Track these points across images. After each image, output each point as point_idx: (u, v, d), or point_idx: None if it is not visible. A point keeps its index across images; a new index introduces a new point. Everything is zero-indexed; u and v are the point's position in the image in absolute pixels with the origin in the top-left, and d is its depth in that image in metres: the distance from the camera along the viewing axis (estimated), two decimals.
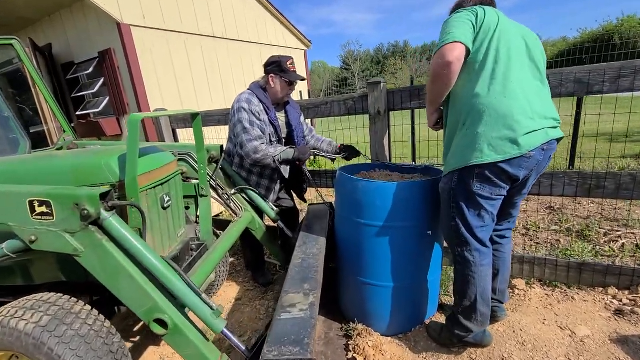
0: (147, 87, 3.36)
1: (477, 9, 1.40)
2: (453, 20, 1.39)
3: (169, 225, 1.78)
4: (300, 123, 2.34)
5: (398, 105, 2.15)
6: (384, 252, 1.68)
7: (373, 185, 1.63)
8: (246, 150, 2.08)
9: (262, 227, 2.33)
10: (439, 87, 1.42)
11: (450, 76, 1.35)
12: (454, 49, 1.30)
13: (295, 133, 2.28)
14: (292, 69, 2.14)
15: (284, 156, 2.11)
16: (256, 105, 2.11)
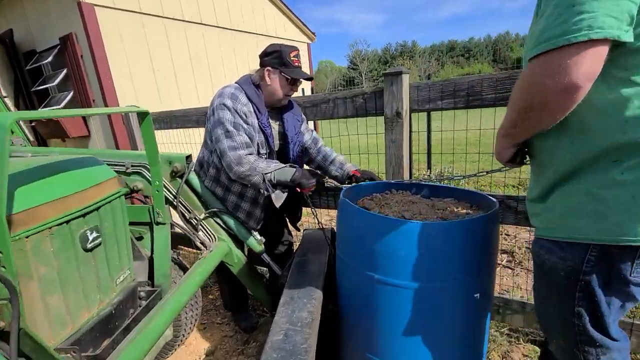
0: (117, 80, 2.85)
1: None
2: None
3: (99, 273, 1.25)
4: (299, 133, 1.77)
5: (424, 105, 1.59)
6: (409, 323, 1.12)
7: (395, 225, 1.07)
8: (227, 161, 1.53)
9: (241, 262, 1.79)
10: (539, 119, 0.74)
11: (570, 105, 0.68)
12: (587, 59, 0.62)
13: (290, 147, 1.72)
14: (296, 63, 1.59)
15: (280, 176, 1.53)
16: (243, 104, 1.56)
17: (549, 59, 0.65)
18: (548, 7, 0.67)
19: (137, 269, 1.57)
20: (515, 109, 0.79)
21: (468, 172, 1.61)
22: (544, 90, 0.68)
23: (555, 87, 0.65)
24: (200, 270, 1.50)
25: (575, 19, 0.61)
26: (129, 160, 1.68)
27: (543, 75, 0.67)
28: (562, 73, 0.63)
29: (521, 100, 0.76)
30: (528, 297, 2.03)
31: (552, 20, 0.65)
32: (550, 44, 0.64)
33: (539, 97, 0.70)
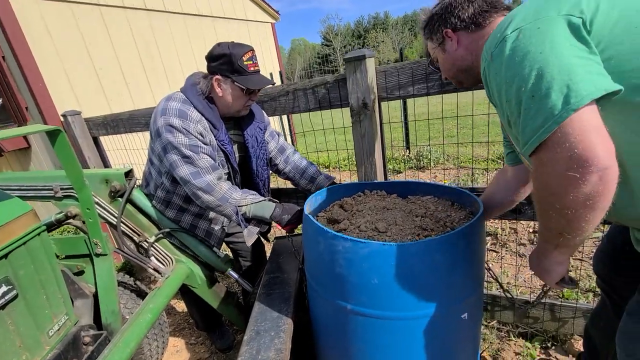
0: (50, 84, 2.49)
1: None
2: (548, 49, 0.59)
3: (20, 330, 1.04)
4: (263, 144, 1.51)
5: (394, 92, 1.39)
6: (389, 356, 0.97)
7: (365, 249, 0.90)
8: (192, 189, 1.29)
9: (205, 282, 1.60)
10: (578, 220, 0.61)
11: (608, 195, 0.57)
12: (599, 134, 0.55)
13: (252, 161, 1.48)
14: (252, 67, 1.29)
15: (257, 211, 1.32)
16: (196, 122, 1.29)
17: (558, 149, 0.57)
18: (513, 110, 0.65)
19: (80, 309, 1.36)
20: (558, 213, 0.62)
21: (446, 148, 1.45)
22: (570, 189, 0.58)
23: (582, 181, 0.56)
24: (153, 305, 1.31)
25: (562, 96, 0.56)
26: (58, 183, 1.43)
27: (558, 170, 0.58)
28: (585, 163, 0.55)
29: (559, 203, 0.61)
30: (515, 282, 1.95)
31: (525, 120, 0.61)
32: (543, 126, 0.58)
33: (571, 197, 0.59)
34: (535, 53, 0.59)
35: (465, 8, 0.87)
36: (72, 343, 1.22)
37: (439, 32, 0.92)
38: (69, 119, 2.34)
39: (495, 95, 0.71)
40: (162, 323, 1.71)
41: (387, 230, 1.07)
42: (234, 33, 4.55)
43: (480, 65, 0.83)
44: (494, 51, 0.67)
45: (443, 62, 0.96)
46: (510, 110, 0.65)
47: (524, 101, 0.61)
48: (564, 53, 0.58)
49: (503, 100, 0.67)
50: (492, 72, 0.68)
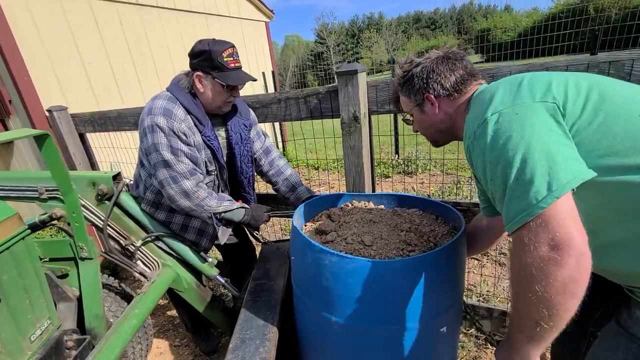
0: (36, 78, 2.43)
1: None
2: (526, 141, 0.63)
3: (1, 336, 1.03)
4: (247, 141, 1.52)
5: (384, 106, 1.43)
6: None
7: (351, 265, 0.93)
8: (169, 193, 1.32)
9: (192, 286, 1.60)
10: (557, 306, 0.60)
11: (584, 281, 0.59)
12: (576, 222, 0.59)
13: (237, 159, 1.49)
14: (232, 63, 1.30)
15: (229, 217, 1.40)
16: (181, 120, 1.30)
17: (531, 232, 0.61)
18: (497, 189, 0.68)
19: (63, 312, 1.35)
20: (538, 298, 0.60)
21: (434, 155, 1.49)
22: (555, 279, 0.58)
23: (561, 272, 0.58)
24: (139, 310, 1.31)
25: (539, 187, 0.60)
26: (43, 184, 1.41)
27: (538, 260, 0.59)
28: (561, 254, 0.57)
29: (540, 285, 0.60)
30: (494, 291, 2.02)
31: (510, 200, 0.64)
32: (520, 214, 0.62)
33: (557, 287, 0.59)
34: (517, 138, 0.63)
35: (447, 77, 0.89)
36: (54, 348, 1.21)
37: (419, 94, 0.93)
38: (54, 114, 2.30)
39: (479, 171, 0.74)
40: (146, 326, 1.71)
41: (373, 244, 1.10)
42: (227, 31, 4.51)
43: (456, 126, 0.92)
44: (477, 131, 0.71)
45: (420, 121, 0.99)
46: (495, 188, 0.69)
47: (509, 184, 0.64)
48: (543, 139, 0.62)
49: (488, 177, 0.70)
50: (477, 150, 0.72)
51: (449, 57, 0.91)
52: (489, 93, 0.75)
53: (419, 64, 0.93)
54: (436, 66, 0.90)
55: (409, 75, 0.94)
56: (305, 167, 5.05)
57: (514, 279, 0.67)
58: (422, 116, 0.97)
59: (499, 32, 30.62)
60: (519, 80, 0.74)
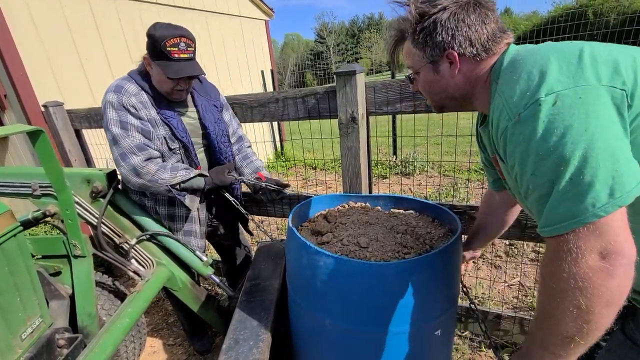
0: (32, 72, 2.40)
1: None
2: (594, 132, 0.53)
3: None
4: (219, 121, 1.51)
5: (382, 107, 1.42)
6: None
7: (346, 267, 0.93)
8: (122, 172, 1.31)
9: (187, 286, 1.59)
10: (598, 320, 0.55)
11: (628, 288, 0.54)
12: (627, 226, 0.54)
13: (213, 138, 1.47)
14: (176, 53, 1.24)
15: (190, 186, 1.38)
16: (131, 95, 1.29)
17: (580, 240, 0.54)
18: (540, 185, 0.58)
19: (55, 310, 1.34)
20: (580, 312, 0.55)
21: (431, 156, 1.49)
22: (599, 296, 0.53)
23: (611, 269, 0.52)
24: (132, 309, 1.30)
25: (598, 192, 0.52)
26: (37, 181, 1.40)
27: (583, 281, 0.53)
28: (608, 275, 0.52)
29: (584, 298, 0.54)
30: (489, 293, 2.02)
31: (557, 201, 0.56)
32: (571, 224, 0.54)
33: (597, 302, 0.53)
34: (579, 130, 0.52)
35: (478, 30, 0.68)
36: (45, 346, 1.20)
37: (438, 48, 0.71)
38: (50, 109, 2.27)
39: (515, 159, 0.61)
40: (139, 324, 1.70)
41: (369, 246, 1.10)
42: (226, 29, 4.49)
43: (474, 94, 0.75)
44: (523, 113, 0.57)
45: (430, 82, 0.78)
46: (535, 184, 0.58)
47: (561, 183, 0.54)
48: (608, 134, 0.52)
49: (527, 170, 0.59)
50: (518, 136, 0.59)
51: (480, 4, 0.69)
52: (535, 64, 0.60)
53: (445, 8, 0.69)
54: (467, 15, 0.68)
55: (430, 22, 0.70)
56: (303, 166, 5.05)
57: (547, 291, 0.59)
58: (434, 77, 0.76)
59: None
60: (576, 51, 0.59)
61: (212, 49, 4.21)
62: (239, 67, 4.82)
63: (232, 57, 4.64)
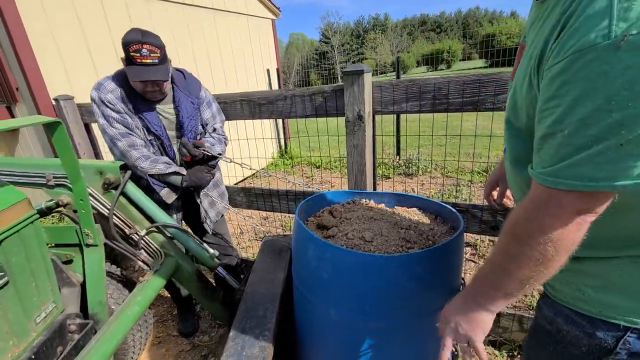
0: (43, 65, 2.45)
1: None
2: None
3: (8, 316, 1.06)
4: (192, 117, 1.60)
5: (388, 107, 1.45)
6: (367, 358, 1.04)
7: (352, 259, 0.96)
8: (116, 154, 1.51)
9: (193, 277, 1.63)
10: (557, 265, 0.58)
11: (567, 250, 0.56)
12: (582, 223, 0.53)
13: (185, 134, 1.58)
14: (139, 59, 1.35)
15: (167, 180, 1.53)
16: (109, 91, 1.46)
17: (580, 202, 0.52)
18: (571, 122, 0.49)
19: (67, 297, 1.38)
20: (548, 261, 0.56)
21: (434, 157, 1.52)
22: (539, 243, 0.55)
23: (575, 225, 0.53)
24: (141, 297, 1.34)
25: (625, 164, 0.47)
26: (51, 171, 1.44)
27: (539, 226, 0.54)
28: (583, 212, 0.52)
29: (554, 249, 0.55)
30: None
31: (591, 155, 0.48)
32: (585, 187, 0.50)
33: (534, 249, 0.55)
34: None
35: None
36: (58, 331, 1.24)
37: None
38: (61, 103, 2.32)
39: (564, 76, 0.49)
40: (146, 315, 1.73)
41: (373, 240, 1.13)
42: (233, 27, 4.53)
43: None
44: (634, 37, 0.42)
45: None
46: (575, 127, 0.48)
47: (607, 145, 0.46)
48: None
49: (576, 111, 0.48)
50: (599, 63, 0.45)
51: None
52: None
53: None
54: None
55: None
56: (307, 165, 5.08)
57: (517, 238, 0.58)
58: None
59: (504, 37, 30.61)
60: None
61: (219, 46, 4.25)
62: (245, 66, 4.86)
63: (238, 55, 4.68)
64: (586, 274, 0.66)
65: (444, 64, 35.62)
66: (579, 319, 0.68)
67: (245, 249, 2.88)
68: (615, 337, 0.63)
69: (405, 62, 34.34)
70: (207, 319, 2.11)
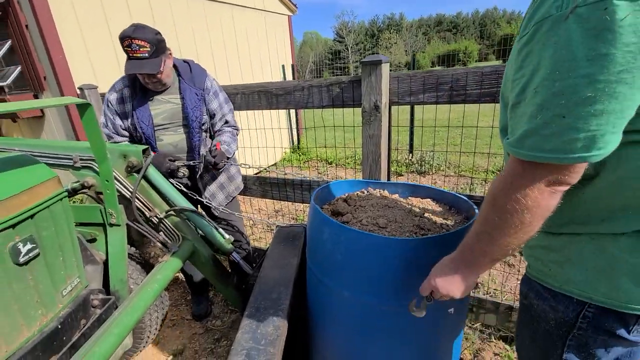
0: (70, 55, 2.55)
1: None
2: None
3: (38, 287, 1.12)
4: (195, 108, 1.66)
5: (405, 97, 1.47)
6: (379, 340, 1.06)
7: (366, 241, 0.98)
8: None
9: (209, 261, 1.68)
10: (531, 233, 0.61)
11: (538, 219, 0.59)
12: (573, 174, 0.54)
13: (189, 122, 1.67)
14: (130, 53, 1.49)
15: None
16: (116, 91, 1.65)
17: (552, 173, 0.53)
18: (528, 93, 0.52)
19: (90, 274, 1.44)
20: (525, 226, 0.59)
21: (449, 156, 1.52)
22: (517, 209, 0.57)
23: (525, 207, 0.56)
24: (160, 276, 1.39)
25: (568, 137, 0.49)
26: (78, 154, 1.50)
27: (513, 191, 0.57)
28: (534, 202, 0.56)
29: (530, 215, 0.58)
30: (502, 290, 2.04)
31: (538, 125, 0.51)
32: (535, 157, 0.53)
33: (515, 214, 0.58)
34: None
35: None
36: (82, 304, 1.30)
37: None
38: (85, 92, 2.40)
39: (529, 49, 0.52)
40: (162, 296, 1.79)
41: (387, 226, 1.15)
42: (250, 22, 4.59)
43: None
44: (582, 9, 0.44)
45: None
46: (539, 93, 0.50)
47: (547, 108, 0.49)
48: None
49: (536, 77, 0.50)
50: (553, 34, 0.47)
51: None
52: None
53: None
54: None
55: None
56: (319, 161, 5.11)
57: (498, 208, 0.61)
58: None
59: None
60: None
61: (236, 41, 4.32)
62: (260, 60, 4.91)
63: (254, 50, 4.74)
64: (551, 249, 0.70)
65: (459, 65, 35.27)
66: (546, 293, 0.72)
67: (258, 239, 2.92)
68: (575, 312, 0.67)
69: (419, 62, 34.07)
70: (219, 305, 2.16)
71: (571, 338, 0.69)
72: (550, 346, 0.74)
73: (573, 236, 0.67)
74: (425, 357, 1.11)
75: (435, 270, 0.84)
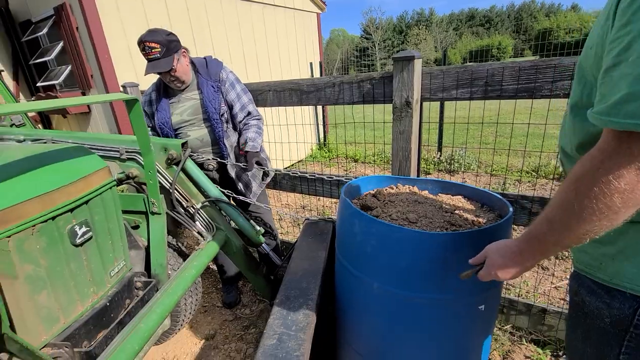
0: (114, 55, 2.72)
1: None
2: None
3: (91, 267, 1.22)
4: (213, 100, 1.74)
5: (437, 94, 1.45)
6: (406, 331, 1.07)
7: (395, 232, 1.00)
8: None
9: (240, 251, 1.75)
10: (618, 222, 0.54)
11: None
12: None
13: (209, 114, 1.75)
14: (145, 55, 1.62)
15: None
16: (147, 94, 1.83)
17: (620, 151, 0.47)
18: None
19: (134, 258, 1.55)
20: (614, 215, 0.51)
21: (482, 157, 1.49)
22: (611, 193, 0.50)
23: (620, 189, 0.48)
24: (197, 262, 1.47)
25: None
26: (124, 146, 1.62)
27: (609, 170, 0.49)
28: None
29: (622, 202, 0.50)
30: (535, 294, 1.97)
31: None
32: (637, 126, 0.45)
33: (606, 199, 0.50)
34: None
35: None
36: (127, 285, 1.40)
37: None
38: (128, 89, 2.56)
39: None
40: (197, 282, 1.89)
41: (417, 222, 1.15)
42: (280, 20, 4.67)
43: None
44: None
45: None
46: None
47: None
48: None
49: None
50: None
51: None
52: None
53: None
54: None
55: None
56: (345, 158, 5.12)
57: (581, 191, 0.53)
58: None
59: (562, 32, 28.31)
60: None
61: (266, 39, 4.41)
62: (289, 58, 4.99)
63: (284, 47, 4.82)
64: (602, 242, 0.64)
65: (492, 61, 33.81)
66: (598, 288, 0.67)
67: (285, 233, 2.99)
68: (632, 308, 0.61)
69: (450, 59, 33.04)
70: (248, 294, 2.25)
71: (629, 339, 0.63)
72: (605, 346, 0.68)
73: (629, 226, 0.59)
74: (454, 352, 1.11)
75: (496, 253, 0.78)
